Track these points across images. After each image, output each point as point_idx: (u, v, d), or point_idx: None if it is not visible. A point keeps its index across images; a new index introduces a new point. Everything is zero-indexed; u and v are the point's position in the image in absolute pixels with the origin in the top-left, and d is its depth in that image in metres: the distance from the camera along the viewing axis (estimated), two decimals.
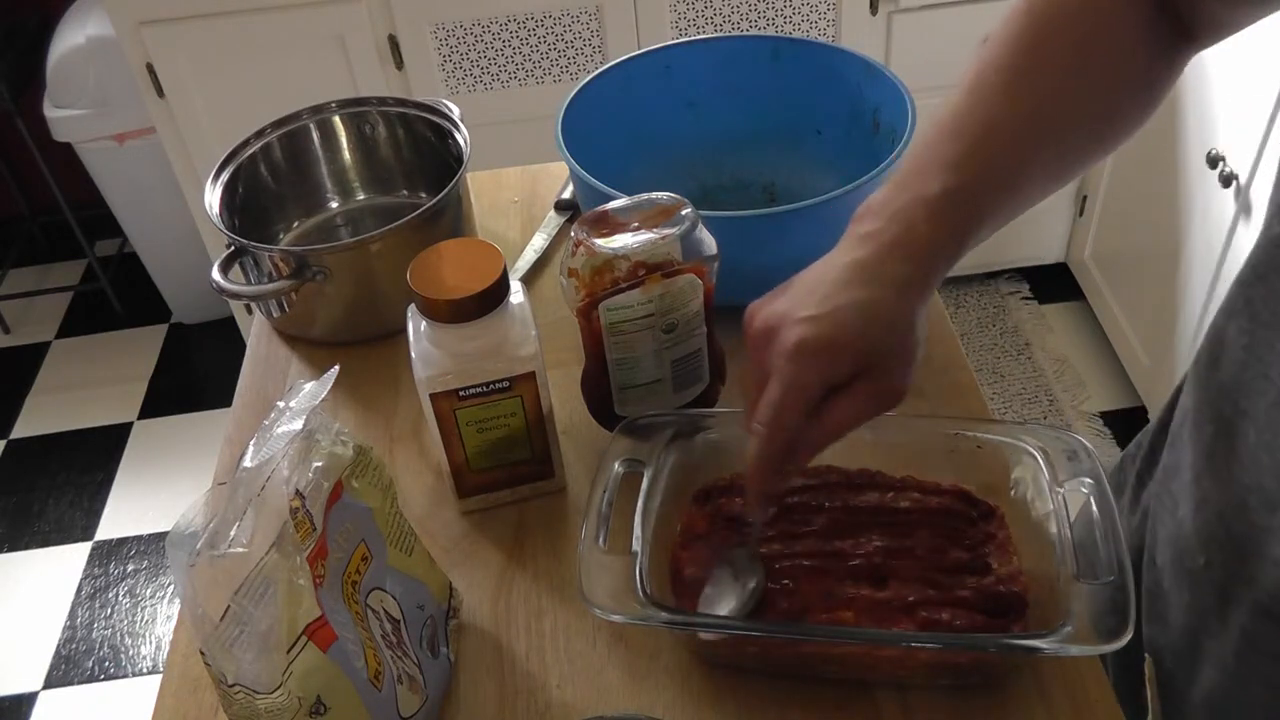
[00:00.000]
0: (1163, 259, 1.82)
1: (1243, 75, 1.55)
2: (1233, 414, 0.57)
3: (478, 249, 0.70)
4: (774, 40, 0.98)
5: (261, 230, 0.98)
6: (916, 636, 0.62)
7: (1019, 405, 2.09)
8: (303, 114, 1.00)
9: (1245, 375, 0.56)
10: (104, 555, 2.07)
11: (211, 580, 0.51)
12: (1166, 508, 0.65)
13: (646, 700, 0.65)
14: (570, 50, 1.88)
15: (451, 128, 0.97)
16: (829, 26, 1.90)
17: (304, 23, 1.80)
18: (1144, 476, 0.72)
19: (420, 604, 0.64)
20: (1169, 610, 0.65)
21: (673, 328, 0.73)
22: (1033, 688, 0.63)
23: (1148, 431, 0.73)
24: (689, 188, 0.99)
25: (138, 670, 1.88)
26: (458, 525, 0.77)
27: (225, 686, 0.53)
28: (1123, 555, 0.59)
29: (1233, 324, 0.58)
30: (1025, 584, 0.64)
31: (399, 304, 0.72)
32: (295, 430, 0.54)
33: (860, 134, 0.94)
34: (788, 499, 0.70)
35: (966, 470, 0.69)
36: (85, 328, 2.58)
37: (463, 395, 0.69)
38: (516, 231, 1.02)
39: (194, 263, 2.24)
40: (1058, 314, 2.28)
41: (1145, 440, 0.73)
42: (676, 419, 0.72)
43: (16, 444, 2.31)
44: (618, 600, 0.61)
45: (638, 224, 0.70)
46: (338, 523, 0.57)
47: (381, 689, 0.58)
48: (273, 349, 0.94)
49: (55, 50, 2.14)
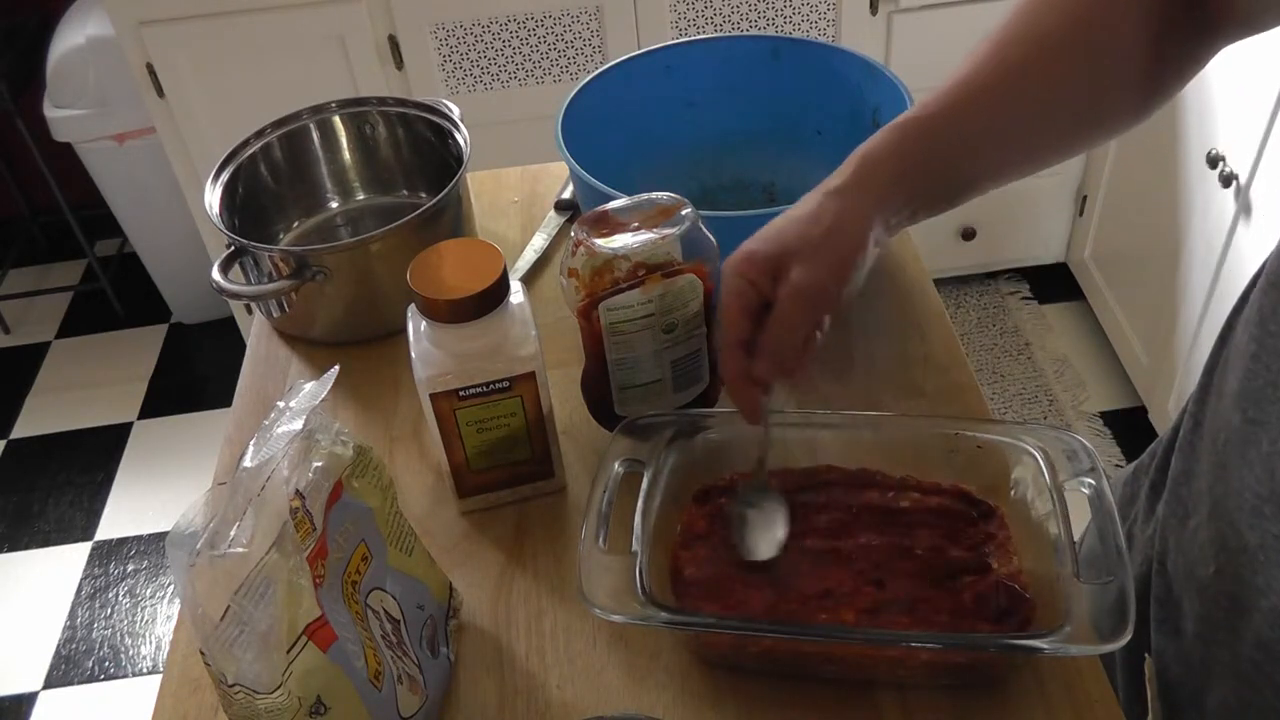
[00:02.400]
0: (1163, 259, 1.82)
1: (1243, 75, 1.55)
2: (1243, 422, 0.57)
3: (478, 249, 0.70)
4: (774, 40, 0.98)
5: (261, 230, 0.98)
6: (916, 636, 0.62)
7: (1019, 405, 2.09)
8: (303, 114, 1.00)
9: (1255, 384, 0.56)
10: (104, 555, 2.07)
11: (211, 580, 0.51)
12: (1177, 516, 0.65)
13: (646, 700, 0.65)
14: (570, 50, 1.88)
15: (451, 128, 0.97)
16: (829, 26, 1.90)
17: (304, 23, 1.80)
18: (1158, 486, 0.72)
19: (420, 604, 0.64)
20: (1181, 619, 0.64)
21: (673, 328, 0.73)
22: (1033, 688, 0.63)
23: (1161, 440, 0.73)
24: (689, 188, 0.99)
25: (138, 670, 1.88)
26: (458, 525, 0.77)
27: (225, 686, 0.53)
28: (1123, 555, 0.59)
29: (1243, 331, 0.58)
30: (1025, 584, 0.64)
31: (399, 304, 0.72)
32: (295, 430, 0.54)
33: (860, 134, 0.93)
34: (787, 499, 0.70)
35: (966, 470, 0.69)
36: (85, 328, 2.58)
37: (463, 395, 0.69)
38: (516, 231, 1.02)
39: (194, 263, 2.24)
40: (1058, 314, 2.28)
41: (1159, 449, 0.72)
42: (676, 419, 0.72)
43: (16, 444, 2.31)
44: (618, 600, 0.61)
45: (638, 224, 0.70)
46: (338, 523, 0.57)
47: (381, 689, 0.58)
48: (273, 349, 0.94)
49: (55, 50, 2.14)
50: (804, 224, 0.63)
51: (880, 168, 0.63)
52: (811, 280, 0.61)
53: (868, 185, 0.63)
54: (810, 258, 0.62)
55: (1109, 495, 0.62)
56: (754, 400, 0.66)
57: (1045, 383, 2.14)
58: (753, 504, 0.69)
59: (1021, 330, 2.26)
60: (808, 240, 0.62)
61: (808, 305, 0.62)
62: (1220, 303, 1.65)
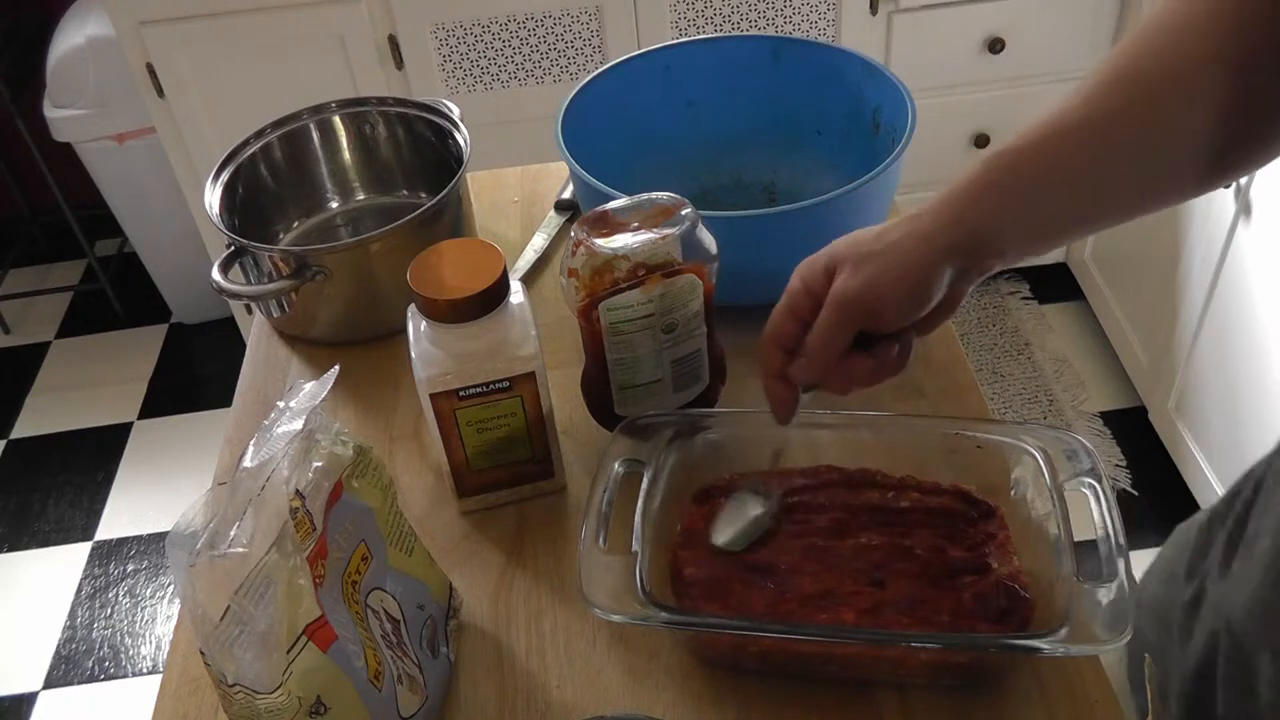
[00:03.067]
0: (1163, 259, 1.82)
1: None
2: None
3: (478, 249, 0.70)
4: (774, 40, 0.98)
5: (261, 230, 0.98)
6: (916, 636, 0.62)
7: (1019, 405, 2.09)
8: (303, 114, 1.00)
9: None
10: (104, 555, 2.07)
11: (211, 580, 0.51)
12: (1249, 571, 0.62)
13: (646, 700, 0.65)
14: (570, 50, 1.87)
15: (451, 128, 0.97)
16: (829, 26, 1.90)
17: (304, 23, 1.80)
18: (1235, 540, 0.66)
19: (420, 604, 0.64)
20: (1256, 680, 0.60)
21: (673, 328, 0.73)
22: (1033, 688, 0.63)
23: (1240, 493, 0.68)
24: (689, 188, 0.99)
25: (138, 670, 1.88)
26: (458, 525, 0.77)
27: (225, 686, 0.53)
28: (1123, 555, 0.59)
29: None
30: (1025, 584, 0.64)
31: (399, 304, 0.72)
32: (295, 430, 0.54)
33: (860, 134, 0.94)
34: (788, 499, 0.70)
35: (966, 470, 0.69)
36: (85, 328, 2.58)
37: (463, 395, 0.69)
38: (516, 231, 1.02)
39: (194, 263, 2.24)
40: (1058, 314, 2.28)
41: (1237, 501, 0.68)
42: (676, 419, 0.72)
43: (16, 444, 2.31)
44: (618, 600, 0.61)
45: (638, 224, 0.70)
46: (338, 523, 0.57)
47: (381, 689, 0.58)
48: (273, 349, 0.94)
49: (55, 50, 2.14)
50: (870, 236, 0.62)
51: (960, 196, 0.61)
52: (847, 287, 0.61)
53: (943, 211, 0.61)
54: (858, 267, 0.61)
55: (1109, 495, 0.62)
56: (784, 398, 0.66)
57: (1045, 383, 2.14)
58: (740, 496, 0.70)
59: (1021, 330, 2.25)
60: (862, 250, 0.61)
61: (841, 312, 0.61)
62: (1220, 303, 1.65)
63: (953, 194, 0.61)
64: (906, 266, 0.60)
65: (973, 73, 1.96)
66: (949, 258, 0.60)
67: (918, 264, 0.60)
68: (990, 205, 0.60)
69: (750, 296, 0.87)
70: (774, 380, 0.65)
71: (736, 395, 0.82)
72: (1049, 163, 0.60)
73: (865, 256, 0.61)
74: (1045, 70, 1.96)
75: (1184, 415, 1.80)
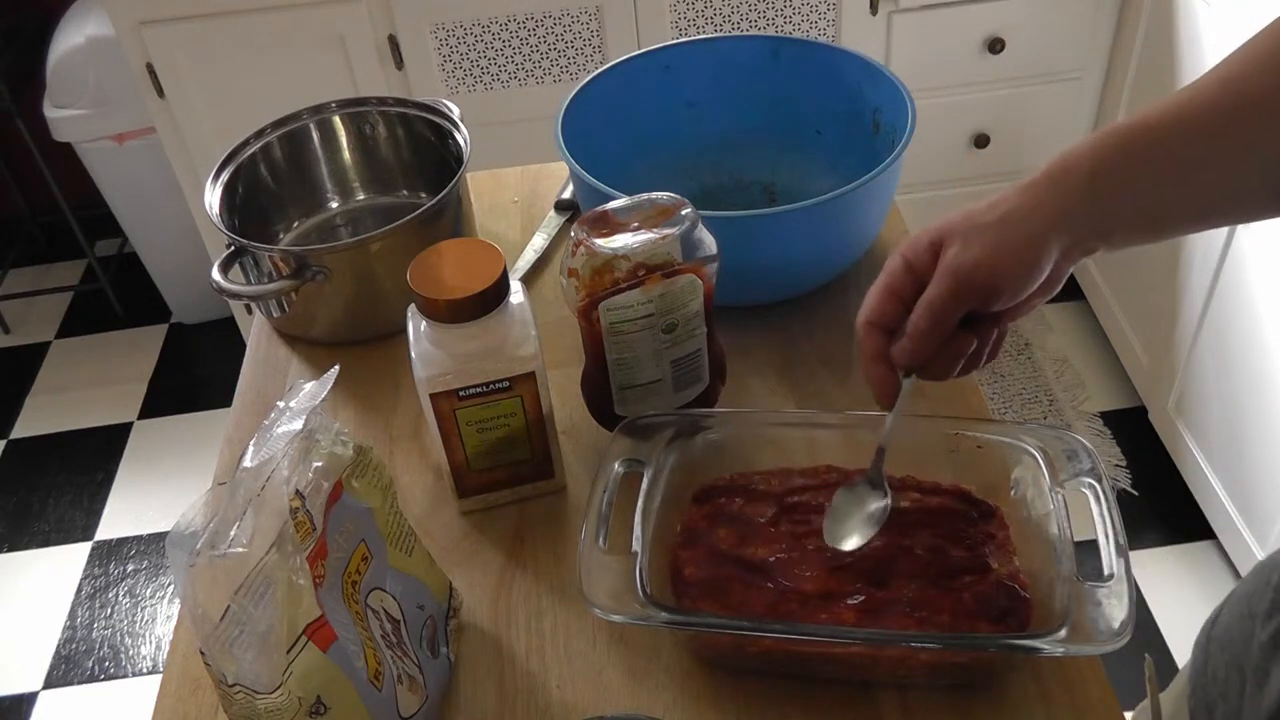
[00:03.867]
0: (1163, 259, 1.82)
1: None
2: None
3: (478, 249, 0.70)
4: (774, 40, 0.98)
5: (261, 230, 0.98)
6: (916, 636, 0.62)
7: (1019, 405, 2.09)
8: (303, 114, 1.00)
9: None
10: (104, 555, 2.07)
11: (211, 580, 0.51)
12: None
13: (646, 700, 0.65)
14: (570, 50, 1.87)
15: (451, 128, 0.97)
16: (829, 26, 1.90)
17: (304, 23, 1.80)
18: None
19: (420, 604, 0.64)
20: None
21: (673, 328, 0.73)
22: (1033, 688, 0.63)
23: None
24: (689, 188, 1.00)
25: (138, 670, 1.88)
26: (458, 525, 0.77)
27: (225, 686, 0.53)
28: (1123, 555, 0.59)
29: None
30: (1025, 584, 0.64)
31: (399, 304, 0.72)
32: (295, 430, 0.54)
33: (860, 134, 0.94)
34: (787, 499, 0.70)
35: (966, 470, 0.69)
36: (85, 328, 2.58)
37: (463, 395, 0.69)
38: (516, 231, 1.02)
39: (194, 263, 2.24)
40: (1058, 314, 2.28)
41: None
42: (676, 419, 0.72)
43: (16, 444, 2.31)
44: (618, 600, 0.61)
45: (638, 224, 0.70)
46: (338, 523, 0.57)
47: (381, 689, 0.58)
48: (273, 349, 0.94)
49: (55, 50, 2.14)
50: (980, 208, 0.59)
51: (1074, 167, 0.58)
52: (963, 259, 0.58)
53: (1058, 182, 0.58)
54: (971, 238, 0.58)
55: (1109, 495, 0.62)
56: (885, 382, 0.63)
57: (1045, 383, 2.14)
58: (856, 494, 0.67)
59: (1021, 330, 2.25)
60: (974, 222, 0.59)
61: (955, 285, 0.58)
62: (1220, 303, 1.65)
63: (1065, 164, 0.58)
64: (1023, 242, 0.58)
65: (973, 73, 1.96)
66: (1059, 231, 0.58)
67: (1033, 239, 0.58)
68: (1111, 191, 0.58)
69: (750, 296, 0.88)
70: (875, 364, 0.62)
71: (736, 395, 0.82)
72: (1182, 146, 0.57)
73: (979, 228, 0.58)
74: (1045, 70, 1.96)
75: (1184, 415, 1.80)
